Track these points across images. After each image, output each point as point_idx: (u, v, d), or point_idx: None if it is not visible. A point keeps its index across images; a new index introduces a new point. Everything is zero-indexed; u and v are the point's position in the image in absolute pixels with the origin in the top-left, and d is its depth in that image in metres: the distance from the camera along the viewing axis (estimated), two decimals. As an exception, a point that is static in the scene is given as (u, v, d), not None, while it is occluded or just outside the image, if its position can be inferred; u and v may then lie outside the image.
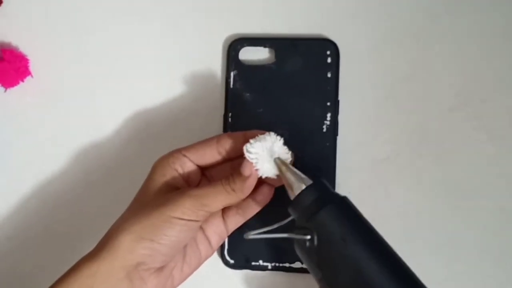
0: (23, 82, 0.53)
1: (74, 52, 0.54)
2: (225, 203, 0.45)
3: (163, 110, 0.53)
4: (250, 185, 0.44)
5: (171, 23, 0.53)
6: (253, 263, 0.50)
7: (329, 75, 0.50)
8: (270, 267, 0.50)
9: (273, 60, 0.51)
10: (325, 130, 0.50)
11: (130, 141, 0.53)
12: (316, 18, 0.52)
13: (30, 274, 0.52)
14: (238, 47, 0.51)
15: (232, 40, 0.52)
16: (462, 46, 0.51)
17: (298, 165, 0.45)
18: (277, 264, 0.50)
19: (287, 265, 0.50)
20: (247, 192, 0.45)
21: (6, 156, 0.54)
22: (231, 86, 0.51)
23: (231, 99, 0.51)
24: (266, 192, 0.47)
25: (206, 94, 0.52)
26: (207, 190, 0.44)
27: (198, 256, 0.47)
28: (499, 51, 0.51)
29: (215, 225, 0.47)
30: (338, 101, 0.50)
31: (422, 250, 0.50)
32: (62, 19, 0.54)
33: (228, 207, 0.47)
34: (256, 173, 0.44)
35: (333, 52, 0.50)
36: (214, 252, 0.48)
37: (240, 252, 0.50)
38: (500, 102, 0.51)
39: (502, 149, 0.50)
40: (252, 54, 0.52)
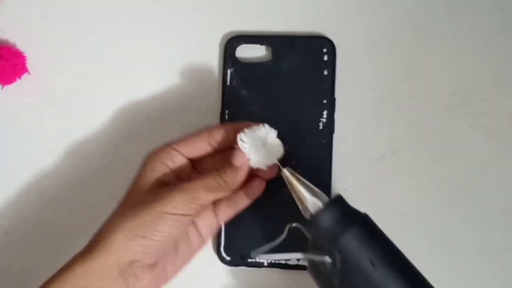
0: (20, 79, 0.53)
1: (71, 49, 0.54)
2: (216, 196, 0.45)
3: (161, 108, 0.53)
4: (241, 176, 0.44)
5: (168, 21, 0.53)
6: (249, 260, 0.50)
7: (325, 73, 0.50)
8: (266, 264, 0.50)
9: (270, 57, 0.51)
10: (321, 127, 0.50)
11: (127, 138, 0.53)
12: (313, 16, 0.52)
13: (25, 269, 0.53)
14: (235, 45, 0.51)
15: (229, 37, 0.52)
16: (461, 45, 0.51)
17: (293, 161, 0.45)
18: (273, 261, 0.50)
19: (283, 262, 0.50)
20: (238, 182, 0.45)
21: (2, 153, 0.54)
22: (228, 83, 0.51)
23: (228, 97, 0.51)
24: (257, 185, 0.47)
25: (203, 92, 0.52)
26: (198, 184, 0.44)
27: (190, 249, 0.47)
28: (498, 51, 0.51)
29: (206, 218, 0.48)
30: (335, 98, 0.50)
31: (419, 249, 0.49)
32: (60, 17, 0.54)
33: (219, 200, 0.47)
34: (247, 163, 0.44)
35: (329, 50, 0.51)
36: (205, 244, 0.48)
37: (236, 249, 0.50)
38: (499, 101, 0.51)
39: (501, 148, 0.50)
40: (249, 52, 0.52)
